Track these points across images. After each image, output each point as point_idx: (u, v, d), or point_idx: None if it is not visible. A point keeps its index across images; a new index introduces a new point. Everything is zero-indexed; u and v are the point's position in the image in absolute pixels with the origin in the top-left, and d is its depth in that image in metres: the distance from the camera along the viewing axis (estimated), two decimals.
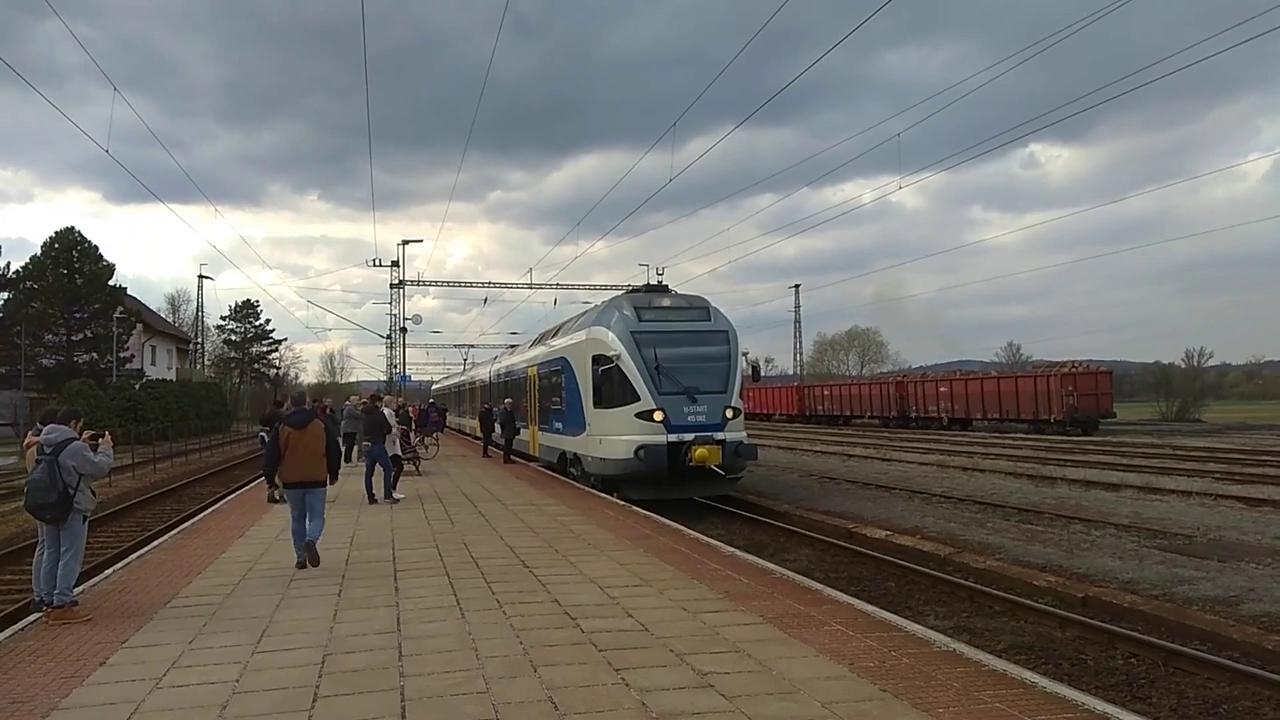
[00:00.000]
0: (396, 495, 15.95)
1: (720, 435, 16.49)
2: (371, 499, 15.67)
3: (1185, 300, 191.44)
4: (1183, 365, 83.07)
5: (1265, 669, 7.33)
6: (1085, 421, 40.86)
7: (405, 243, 54.91)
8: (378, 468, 16.06)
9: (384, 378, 60.34)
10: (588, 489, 17.39)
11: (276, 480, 12.49)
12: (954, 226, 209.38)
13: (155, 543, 11.86)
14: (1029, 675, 5.75)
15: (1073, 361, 47.18)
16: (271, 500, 15.46)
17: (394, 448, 16.91)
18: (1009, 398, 44.10)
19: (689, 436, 16.25)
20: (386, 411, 17.59)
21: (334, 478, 10.00)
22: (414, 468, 20.85)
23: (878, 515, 15.92)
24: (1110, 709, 5.11)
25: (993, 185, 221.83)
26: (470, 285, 78.10)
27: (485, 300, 62.56)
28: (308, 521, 9.66)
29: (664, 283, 20.09)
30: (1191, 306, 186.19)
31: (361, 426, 18.10)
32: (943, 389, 49.26)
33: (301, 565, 9.49)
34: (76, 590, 7.68)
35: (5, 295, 52.18)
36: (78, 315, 51.92)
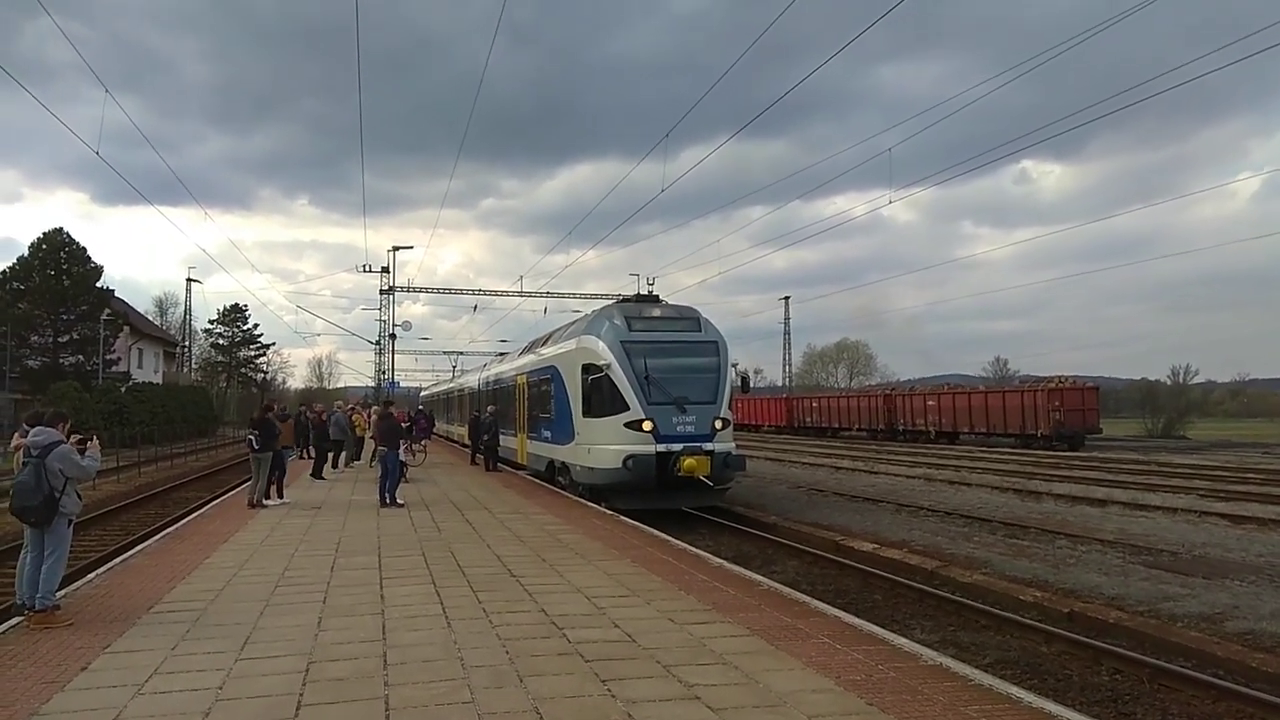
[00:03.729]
0: (386, 500, 15.98)
1: (709, 446, 16.48)
2: (384, 503, 15.81)
3: (1172, 318, 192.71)
4: (1169, 382, 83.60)
5: (1249, 687, 7.36)
6: (1072, 437, 41.01)
7: (396, 249, 54.40)
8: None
9: (372, 383, 60.15)
10: (576, 498, 17.34)
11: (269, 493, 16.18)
12: (944, 241, 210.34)
13: (139, 547, 11.75)
14: (1015, 690, 5.76)
15: (1060, 377, 47.32)
16: (251, 505, 15.40)
17: (402, 454, 17.82)
18: (996, 412, 44.25)
19: (678, 447, 16.24)
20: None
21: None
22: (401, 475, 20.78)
23: (865, 528, 15.93)
24: None
25: (984, 200, 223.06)
26: (460, 292, 77.30)
27: (475, 307, 62.51)
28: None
29: (655, 293, 20.16)
30: (1178, 324, 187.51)
31: (377, 432, 18.22)
32: (930, 402, 49.40)
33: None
34: (59, 594, 7.62)
35: None
36: (65, 317, 51.56)
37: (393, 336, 55.14)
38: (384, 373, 57.05)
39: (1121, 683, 7.84)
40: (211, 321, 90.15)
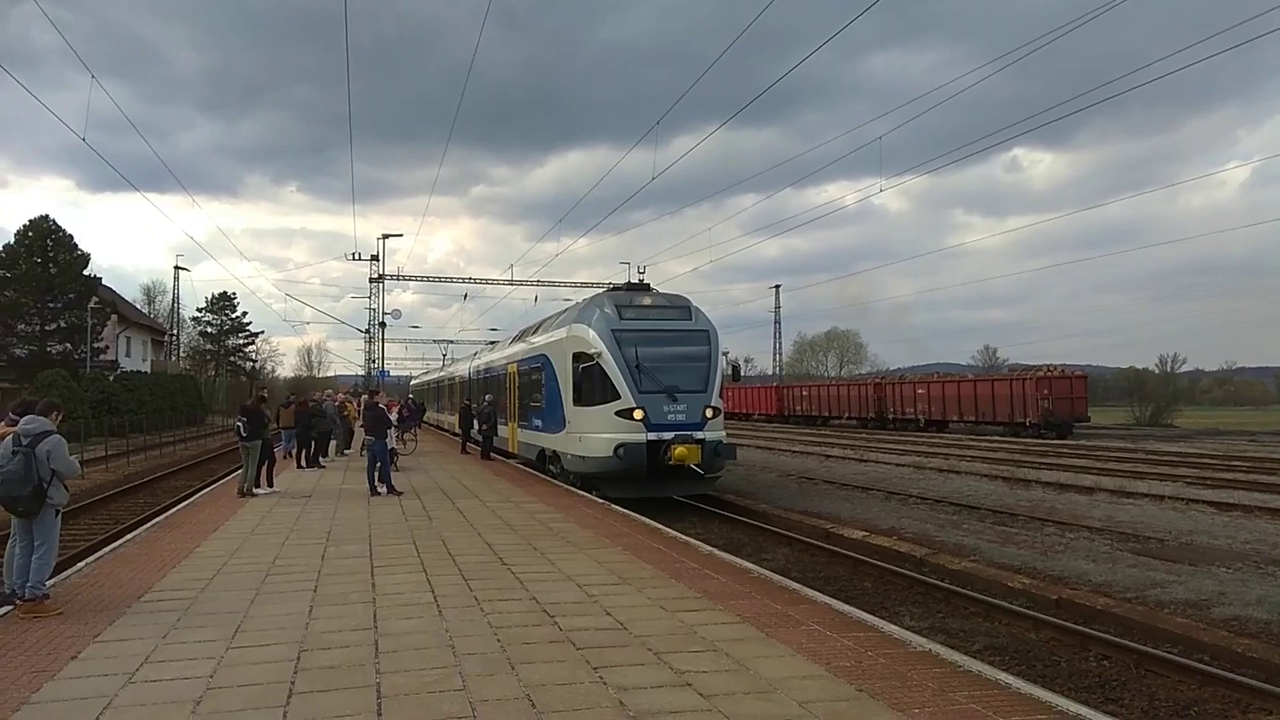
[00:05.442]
0: (380, 489, 15.97)
1: (700, 434, 16.50)
2: (374, 492, 15.78)
3: (1161, 306, 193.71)
4: (1156, 371, 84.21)
5: (1235, 672, 7.43)
6: (1060, 425, 41.25)
7: (386, 236, 54.44)
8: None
9: (362, 372, 60.06)
10: (567, 487, 17.36)
11: (259, 482, 16.04)
12: (935, 229, 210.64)
13: (128, 536, 11.72)
14: (1003, 676, 5.80)
15: (1048, 365, 47.55)
16: (241, 494, 15.36)
17: (393, 441, 18.03)
18: (985, 400, 44.45)
19: (669, 435, 16.26)
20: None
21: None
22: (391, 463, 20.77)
23: (855, 515, 15.99)
24: (1083, 710, 5.17)
25: (975, 189, 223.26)
26: (451, 280, 77.32)
27: (466, 296, 62.93)
28: None
29: (646, 281, 20.12)
30: (1166, 313, 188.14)
31: (364, 421, 18.20)
32: (920, 391, 49.58)
33: None
34: (49, 583, 7.59)
35: None
36: (51, 305, 51.09)
37: (382, 325, 55.05)
38: (374, 361, 56.95)
39: (1109, 669, 7.91)
40: (200, 310, 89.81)
